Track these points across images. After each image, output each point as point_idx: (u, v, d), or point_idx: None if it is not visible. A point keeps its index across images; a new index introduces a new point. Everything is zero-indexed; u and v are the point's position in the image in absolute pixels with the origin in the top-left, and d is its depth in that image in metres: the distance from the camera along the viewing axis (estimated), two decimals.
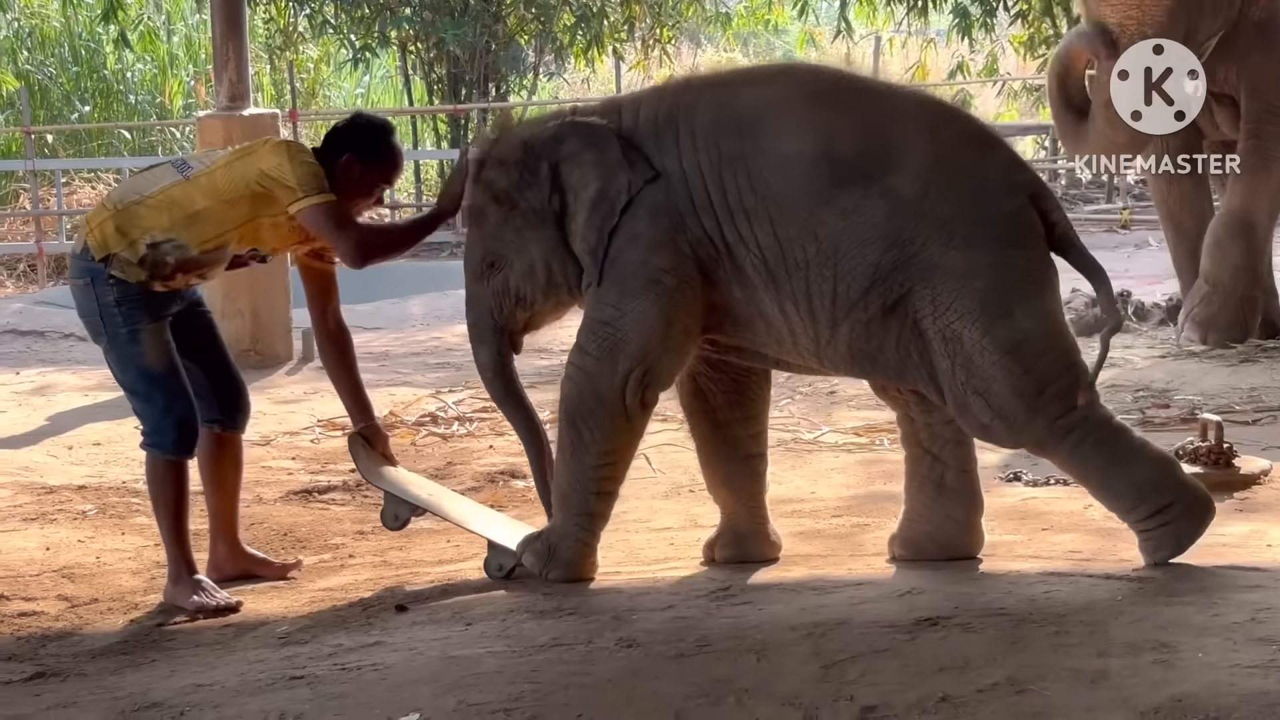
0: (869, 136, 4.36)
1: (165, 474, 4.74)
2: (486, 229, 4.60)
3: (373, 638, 4.07)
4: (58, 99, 19.19)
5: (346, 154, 4.69)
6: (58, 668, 4.15)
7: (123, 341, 4.67)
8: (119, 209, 4.66)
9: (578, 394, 4.48)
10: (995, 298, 4.27)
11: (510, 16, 17.47)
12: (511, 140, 4.62)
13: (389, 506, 4.88)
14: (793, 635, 3.72)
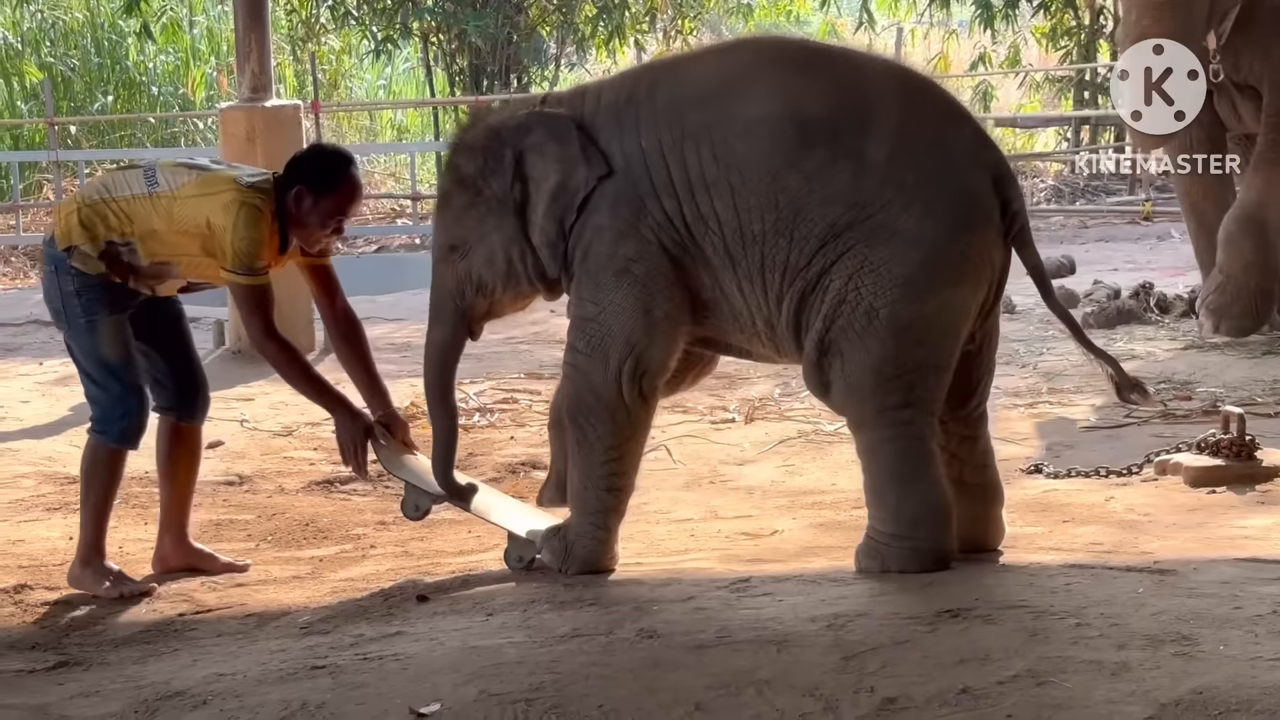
0: (837, 98, 4.33)
1: (105, 461, 4.81)
2: (450, 213, 4.61)
3: (394, 628, 4.08)
4: (81, 91, 19.23)
5: (298, 186, 4.68)
6: (81, 657, 4.17)
7: (81, 330, 4.76)
8: (86, 203, 4.74)
9: (576, 393, 4.49)
10: (922, 273, 4.24)
11: (532, 7, 17.47)
12: (481, 127, 4.63)
13: (409, 496, 4.86)
14: (813, 627, 3.72)
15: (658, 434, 6.87)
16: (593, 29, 17.54)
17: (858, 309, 4.25)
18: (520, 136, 4.50)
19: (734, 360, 8.78)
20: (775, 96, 4.31)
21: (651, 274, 4.38)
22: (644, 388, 4.46)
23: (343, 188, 4.71)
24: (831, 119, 4.27)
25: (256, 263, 4.62)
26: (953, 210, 4.27)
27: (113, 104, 18.97)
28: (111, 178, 4.84)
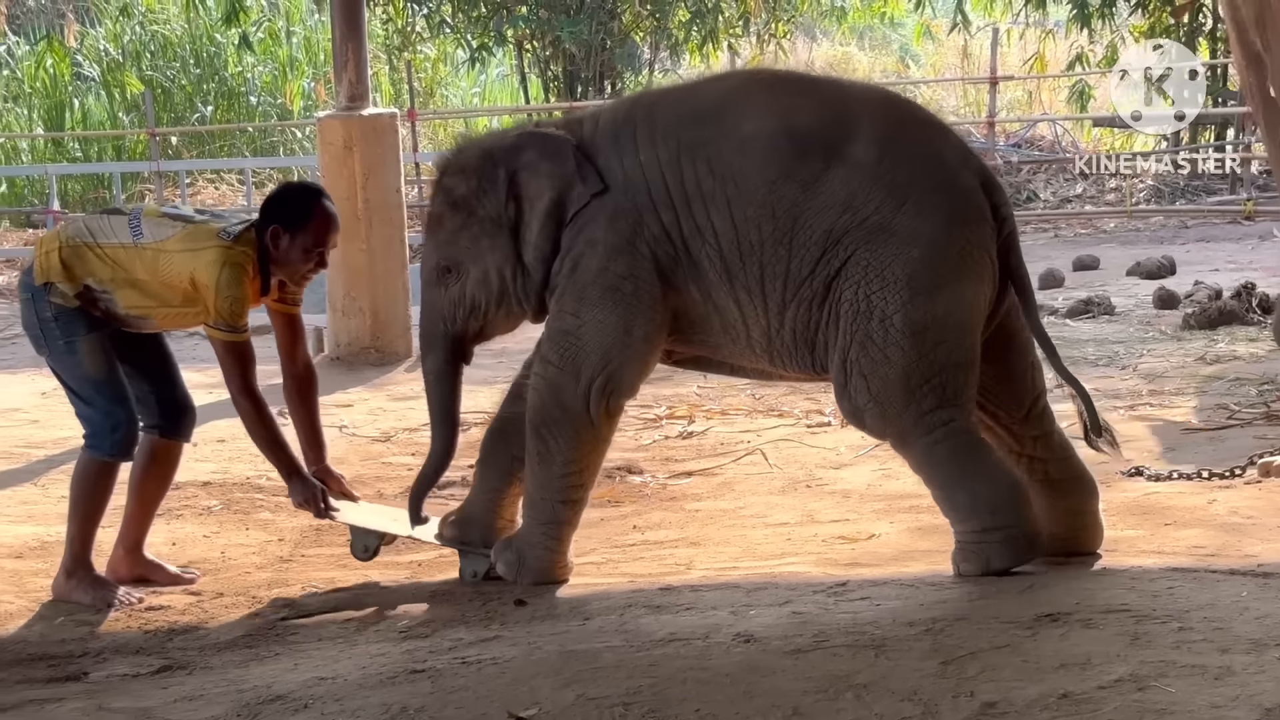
0: (828, 112, 4.39)
1: (97, 474, 4.88)
2: (443, 235, 4.63)
3: (492, 632, 4.10)
4: (181, 102, 19.49)
5: (273, 225, 4.75)
6: (184, 661, 4.22)
7: (61, 352, 4.84)
8: (69, 244, 4.81)
9: (541, 404, 4.51)
10: (925, 271, 4.26)
11: (625, 13, 17.51)
12: (472, 149, 4.68)
13: (356, 539, 4.98)
14: (911, 631, 3.70)
15: (754, 437, 6.88)
16: (686, 34, 17.55)
17: (872, 319, 4.27)
18: (513, 156, 4.53)
19: None
20: (769, 113, 4.39)
21: (639, 293, 4.40)
22: (610, 406, 4.51)
23: (315, 220, 4.77)
24: (823, 132, 4.34)
25: (239, 320, 4.72)
26: (946, 205, 4.31)
27: (212, 114, 19.21)
28: (96, 222, 4.88)
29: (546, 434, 4.50)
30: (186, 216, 4.86)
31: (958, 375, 4.31)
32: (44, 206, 16.42)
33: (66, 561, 4.91)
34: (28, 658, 4.33)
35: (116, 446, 4.85)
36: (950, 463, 4.34)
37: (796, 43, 20.84)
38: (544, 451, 4.51)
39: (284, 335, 4.98)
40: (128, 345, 4.92)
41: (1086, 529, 4.58)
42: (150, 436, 5.01)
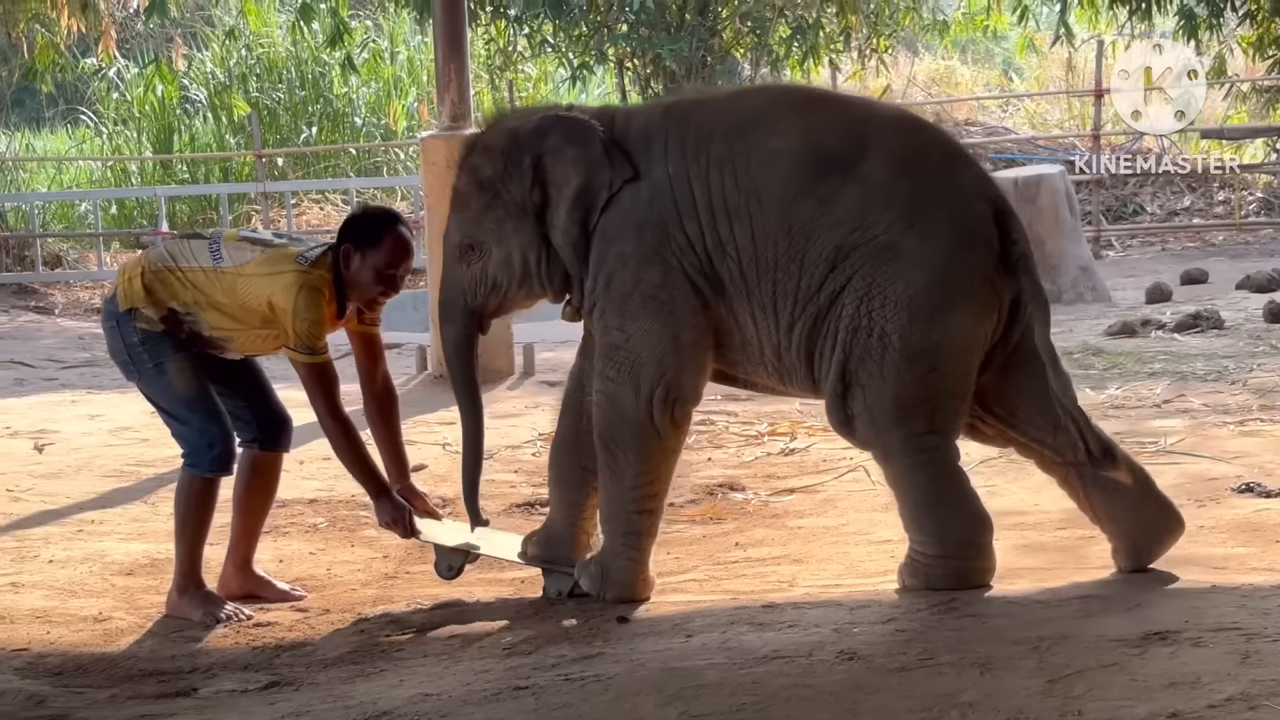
0: (849, 131, 4.44)
1: (199, 490, 4.94)
2: (468, 214, 4.66)
3: (595, 649, 4.10)
4: (286, 123, 19.72)
5: (345, 244, 4.80)
6: (291, 677, 4.26)
7: (151, 375, 4.91)
8: (151, 269, 4.88)
9: (606, 420, 4.54)
10: (926, 295, 4.32)
11: (726, 30, 17.51)
12: (499, 129, 4.69)
13: (441, 559, 5.00)
14: (1017, 649, 3.67)
15: (856, 454, 6.85)
16: (787, 50, 17.52)
17: (871, 335, 4.34)
18: (537, 141, 4.56)
19: None
20: (794, 129, 4.44)
21: (676, 300, 4.43)
22: (676, 415, 4.52)
23: (386, 242, 4.81)
24: (844, 149, 4.39)
25: (317, 343, 4.77)
26: (954, 230, 4.36)
27: (317, 135, 19.42)
28: (178, 246, 4.96)
29: (615, 448, 4.54)
30: (265, 241, 4.93)
31: (948, 403, 4.41)
32: (153, 228, 16.66)
33: (177, 578, 4.97)
34: (139, 673, 4.39)
35: (215, 462, 4.92)
36: (928, 487, 4.45)
37: (898, 57, 20.76)
38: (614, 466, 4.55)
39: (363, 356, 5.03)
40: (218, 364, 4.98)
41: (1162, 512, 4.56)
42: (250, 450, 5.08)
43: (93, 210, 17.49)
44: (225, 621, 4.85)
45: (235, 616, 4.89)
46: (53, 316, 15.10)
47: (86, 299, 15.75)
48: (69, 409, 9.32)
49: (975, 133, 17.35)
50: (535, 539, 4.90)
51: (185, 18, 21.54)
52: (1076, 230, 12.31)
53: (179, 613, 4.93)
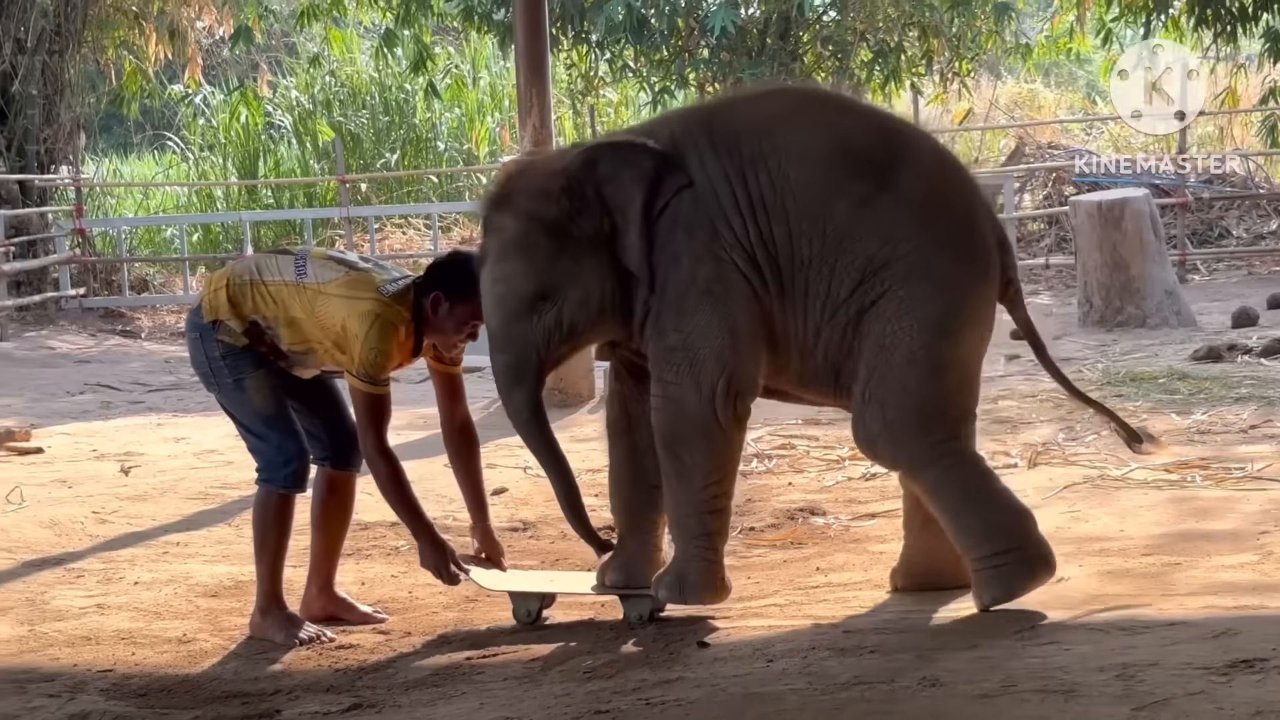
0: (879, 135, 4.60)
1: (275, 507, 4.98)
2: (538, 262, 4.53)
3: (675, 673, 4.10)
4: (369, 148, 19.89)
5: (436, 292, 4.79)
6: (373, 699, 4.28)
7: (230, 389, 4.95)
8: (236, 281, 4.92)
9: (670, 422, 4.52)
10: (953, 314, 4.49)
11: (807, 54, 17.52)
12: (543, 172, 4.61)
13: (518, 605, 4.97)
14: (1102, 676, 3.63)
15: None
16: (868, 74, 17.50)
17: (896, 353, 4.46)
18: (591, 171, 4.54)
19: (1016, 404, 8.70)
20: (825, 128, 4.56)
21: (730, 293, 4.46)
22: (738, 409, 4.53)
23: (478, 296, 4.76)
24: (876, 154, 4.51)
25: (379, 374, 4.77)
26: (978, 258, 4.57)
27: (400, 160, 19.56)
28: (264, 260, 4.99)
29: (680, 450, 4.53)
30: (351, 263, 4.94)
31: (966, 413, 4.60)
32: (238, 252, 16.83)
33: (260, 600, 5.01)
34: (222, 695, 4.42)
35: (290, 478, 4.96)
36: (963, 488, 4.54)
37: (980, 80, 20.68)
38: (681, 469, 4.54)
39: (444, 394, 5.05)
40: (295, 383, 5.02)
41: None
42: (324, 469, 5.11)
43: (179, 235, 17.70)
44: (307, 643, 4.88)
45: (318, 638, 4.91)
46: (139, 340, 15.28)
47: (172, 323, 15.92)
48: (155, 432, 9.42)
49: (1058, 156, 17.24)
50: (611, 567, 4.89)
51: (270, 44, 21.78)
52: (1162, 254, 12.20)
53: (262, 634, 4.96)
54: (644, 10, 16.65)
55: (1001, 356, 11.05)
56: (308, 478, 5.02)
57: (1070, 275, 14.24)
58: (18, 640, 5.02)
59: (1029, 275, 15.79)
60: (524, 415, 4.66)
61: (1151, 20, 16.16)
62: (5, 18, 16.12)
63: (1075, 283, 13.06)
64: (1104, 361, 10.18)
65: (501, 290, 4.57)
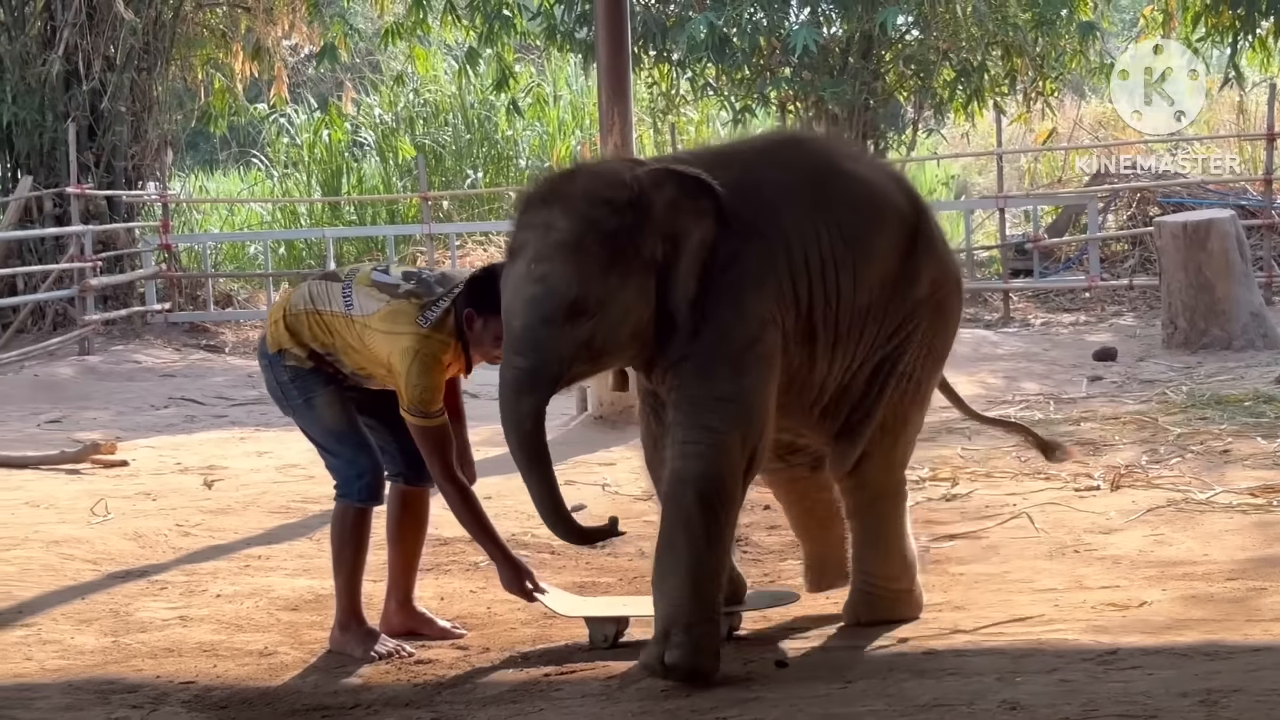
0: (895, 184, 4.78)
1: (352, 521, 5.00)
2: (590, 269, 4.18)
3: (753, 693, 4.09)
4: (452, 166, 20.00)
5: (468, 308, 4.75)
6: (452, 715, 4.29)
7: (301, 409, 4.99)
8: (292, 313, 4.96)
9: (712, 473, 4.26)
10: (949, 346, 4.84)
11: (889, 73, 17.46)
12: (610, 179, 4.30)
13: (594, 630, 4.95)
14: (1185, 702, 3.60)
15: (1019, 501, 6.77)
16: (951, 93, 17.42)
17: (910, 380, 4.69)
18: (658, 192, 4.25)
19: (1098, 426, 8.62)
20: (858, 177, 4.64)
21: (775, 360, 4.39)
22: (755, 470, 4.45)
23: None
24: (907, 206, 4.68)
25: (430, 408, 4.76)
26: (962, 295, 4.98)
27: (482, 178, 19.65)
28: (318, 288, 4.98)
29: (717, 504, 4.27)
30: (392, 286, 4.86)
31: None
32: (321, 269, 16.95)
33: (339, 615, 5.04)
34: (302, 708, 4.45)
35: (364, 492, 4.98)
36: (902, 523, 4.88)
37: (1064, 100, 20.54)
38: (712, 525, 4.25)
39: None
40: (367, 398, 5.04)
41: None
42: (397, 485, 5.14)
43: (263, 251, 17.85)
44: (386, 658, 4.90)
45: (397, 654, 4.93)
46: (223, 355, 15.42)
47: (255, 338, 16.03)
48: (238, 446, 9.51)
49: (1143, 177, 17.10)
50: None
51: (355, 63, 21.96)
52: (1248, 276, 12.08)
53: (341, 649, 4.99)
54: (726, 29, 16.64)
55: (1084, 379, 10.98)
56: (383, 491, 5.05)
57: (1154, 296, 14.12)
58: (102, 651, 5.07)
59: (1113, 296, 15.68)
60: (526, 426, 4.28)
61: (1238, 40, 16.01)
62: (95, 35, 16.33)
63: (1159, 304, 12.95)
64: (1188, 384, 10.09)
65: (538, 291, 4.20)
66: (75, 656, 5.01)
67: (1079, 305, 15.80)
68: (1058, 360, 12.18)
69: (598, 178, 4.34)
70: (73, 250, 15.47)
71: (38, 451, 9.16)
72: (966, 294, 4.87)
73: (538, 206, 4.29)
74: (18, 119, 16.37)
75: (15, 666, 4.91)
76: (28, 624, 5.38)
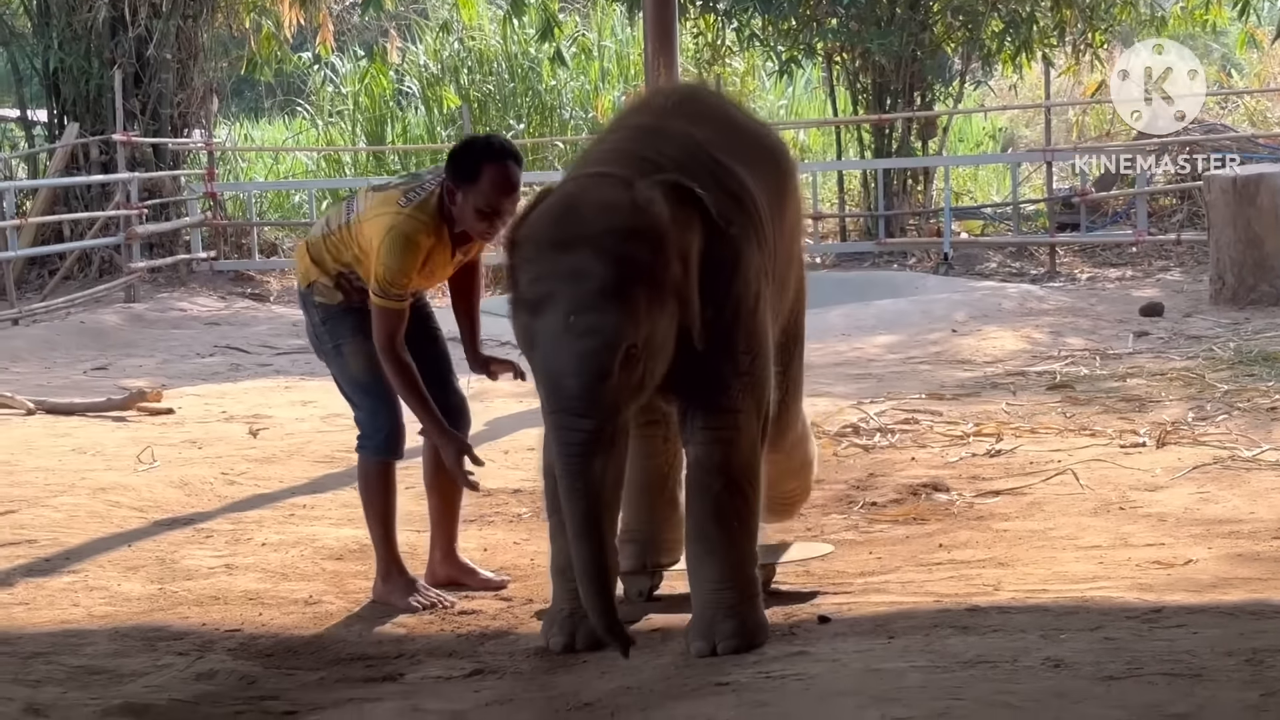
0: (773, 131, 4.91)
1: (375, 474, 5.02)
2: (635, 313, 3.86)
3: (796, 647, 4.08)
4: (496, 115, 19.98)
5: (447, 184, 4.72)
6: (495, 665, 4.31)
7: (331, 355, 5.01)
8: (312, 241, 4.98)
9: (738, 456, 4.15)
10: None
11: (937, 24, 17.34)
12: (622, 207, 3.95)
13: (629, 585, 4.83)
14: (1230, 661, 3.58)
15: (1064, 457, 6.75)
16: (999, 44, 17.29)
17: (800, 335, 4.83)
18: (663, 210, 3.95)
19: (1145, 382, 8.58)
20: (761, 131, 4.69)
21: (768, 323, 4.35)
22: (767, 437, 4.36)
23: (483, 179, 4.65)
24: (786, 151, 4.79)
25: (392, 289, 4.73)
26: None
27: (525, 128, 19.62)
28: (330, 213, 5.03)
29: (747, 486, 4.17)
30: (386, 184, 4.94)
31: None
32: None
33: (379, 565, 5.06)
34: (346, 657, 4.48)
35: (382, 446, 4.99)
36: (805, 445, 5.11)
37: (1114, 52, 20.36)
38: (743, 508, 4.17)
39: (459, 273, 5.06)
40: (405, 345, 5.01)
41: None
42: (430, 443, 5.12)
43: (307, 200, 17.89)
44: (429, 609, 4.92)
45: (439, 604, 4.95)
46: (267, 304, 15.49)
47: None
48: (282, 395, 9.55)
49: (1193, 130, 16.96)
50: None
51: (400, 11, 21.93)
52: None
53: (384, 599, 5.01)
54: None
55: (1130, 334, 10.92)
56: (402, 446, 5.03)
57: (1202, 251, 14.02)
58: (148, 598, 5.11)
59: (1161, 251, 15.57)
60: (596, 488, 3.89)
61: None
62: None
63: (1207, 259, 12.87)
64: (1236, 340, 10.03)
65: (591, 345, 3.83)
66: (122, 603, 5.05)
67: (1126, 260, 15.70)
68: (1104, 315, 12.12)
69: (611, 208, 3.95)
70: (119, 197, 15.54)
71: (84, 399, 9.23)
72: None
73: (553, 253, 3.91)
74: (64, 65, 16.43)
75: (63, 613, 4.95)
76: (75, 570, 5.43)
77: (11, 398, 9.08)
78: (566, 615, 4.35)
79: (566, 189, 4.09)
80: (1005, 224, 16.99)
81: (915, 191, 17.32)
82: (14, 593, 5.19)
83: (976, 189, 19.63)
